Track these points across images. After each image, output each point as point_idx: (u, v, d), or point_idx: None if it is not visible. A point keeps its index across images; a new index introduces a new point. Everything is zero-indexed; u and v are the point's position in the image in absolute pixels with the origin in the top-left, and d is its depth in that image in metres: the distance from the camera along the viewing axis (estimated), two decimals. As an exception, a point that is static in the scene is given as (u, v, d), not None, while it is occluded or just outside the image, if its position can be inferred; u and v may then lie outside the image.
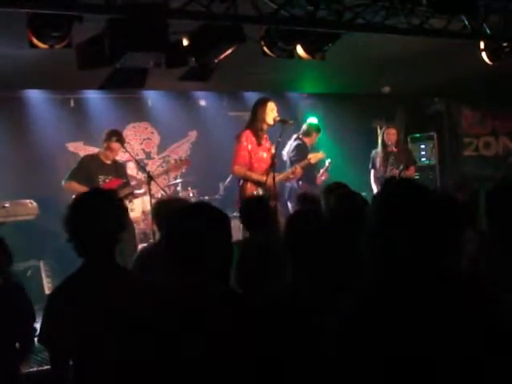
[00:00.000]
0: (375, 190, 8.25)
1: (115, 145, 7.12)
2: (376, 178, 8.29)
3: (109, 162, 7.22)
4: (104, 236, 2.66)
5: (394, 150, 8.07)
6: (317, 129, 8.32)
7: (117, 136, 7.15)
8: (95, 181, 7.00)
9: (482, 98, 9.86)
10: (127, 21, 4.93)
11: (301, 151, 7.96)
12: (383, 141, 8.26)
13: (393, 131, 8.26)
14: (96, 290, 2.61)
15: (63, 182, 7.15)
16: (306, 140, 8.20)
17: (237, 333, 2.22)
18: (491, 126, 10.26)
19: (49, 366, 2.66)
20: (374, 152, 8.46)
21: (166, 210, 3.98)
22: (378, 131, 9.68)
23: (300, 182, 7.66)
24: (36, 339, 2.73)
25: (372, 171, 8.40)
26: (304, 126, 8.25)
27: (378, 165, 8.29)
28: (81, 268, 2.70)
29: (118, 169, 7.36)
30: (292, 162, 7.72)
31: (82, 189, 6.88)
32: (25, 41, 4.96)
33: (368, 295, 1.92)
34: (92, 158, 7.28)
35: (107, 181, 7.05)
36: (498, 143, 10.24)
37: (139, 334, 2.28)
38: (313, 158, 7.46)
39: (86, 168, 7.12)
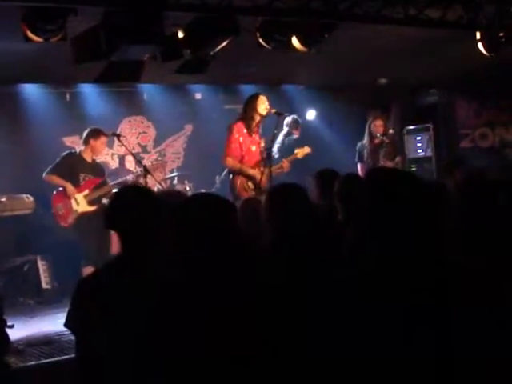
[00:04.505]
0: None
1: (103, 139, 7.32)
2: (364, 171, 8.03)
3: (89, 160, 7.36)
4: (140, 231, 2.70)
5: (386, 141, 7.93)
6: (292, 125, 8.23)
7: (100, 133, 7.31)
8: (76, 177, 7.19)
9: (479, 89, 9.83)
10: (122, 13, 4.91)
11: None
12: (370, 132, 8.13)
13: (380, 122, 8.12)
14: (124, 284, 2.62)
15: (44, 174, 7.22)
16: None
17: None
18: (487, 118, 10.23)
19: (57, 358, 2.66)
20: (359, 144, 8.29)
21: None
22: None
23: None
24: (63, 324, 2.76)
25: (359, 164, 8.20)
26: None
27: (365, 157, 8.13)
28: (113, 260, 2.78)
29: (97, 168, 7.50)
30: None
31: (63, 182, 7.15)
32: (19, 35, 4.94)
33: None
34: (75, 156, 7.35)
35: (86, 179, 7.24)
36: (494, 134, 10.22)
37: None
38: (299, 152, 7.18)
39: (69, 164, 7.25)
